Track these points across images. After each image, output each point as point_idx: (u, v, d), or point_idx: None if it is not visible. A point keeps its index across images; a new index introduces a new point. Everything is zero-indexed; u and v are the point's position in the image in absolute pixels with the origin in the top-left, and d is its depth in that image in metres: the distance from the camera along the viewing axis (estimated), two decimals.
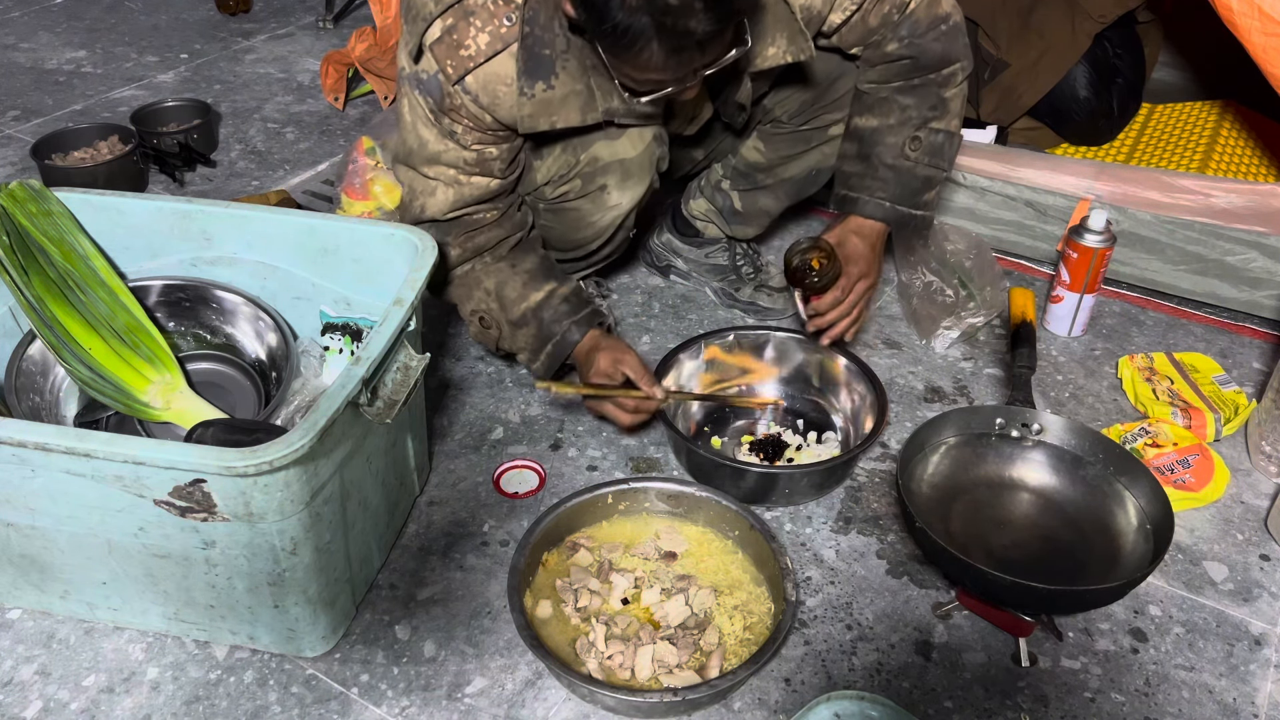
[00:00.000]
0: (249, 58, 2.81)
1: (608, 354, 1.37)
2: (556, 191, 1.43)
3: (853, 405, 1.48)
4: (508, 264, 1.41)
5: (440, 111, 1.28)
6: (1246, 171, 2.00)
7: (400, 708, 1.12)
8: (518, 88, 1.24)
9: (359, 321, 1.38)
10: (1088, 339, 1.72)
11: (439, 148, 1.31)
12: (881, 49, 1.40)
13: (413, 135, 1.32)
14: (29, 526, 1.08)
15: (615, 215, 1.44)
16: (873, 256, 1.43)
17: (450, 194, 1.34)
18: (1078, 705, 1.13)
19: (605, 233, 1.48)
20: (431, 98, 1.27)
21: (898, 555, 1.31)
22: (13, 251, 1.23)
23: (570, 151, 1.39)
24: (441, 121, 1.29)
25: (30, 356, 1.28)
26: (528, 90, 1.24)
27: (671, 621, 1.16)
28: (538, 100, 1.25)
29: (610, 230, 1.47)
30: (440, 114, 1.28)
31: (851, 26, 1.37)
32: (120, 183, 2.05)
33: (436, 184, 1.34)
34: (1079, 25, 1.93)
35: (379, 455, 1.18)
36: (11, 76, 2.67)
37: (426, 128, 1.30)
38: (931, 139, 1.41)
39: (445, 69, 1.24)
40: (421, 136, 1.31)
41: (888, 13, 1.36)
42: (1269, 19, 1.43)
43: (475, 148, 1.31)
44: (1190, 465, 1.38)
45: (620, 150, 1.37)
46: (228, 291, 1.36)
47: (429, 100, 1.27)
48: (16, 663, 1.16)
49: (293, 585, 1.07)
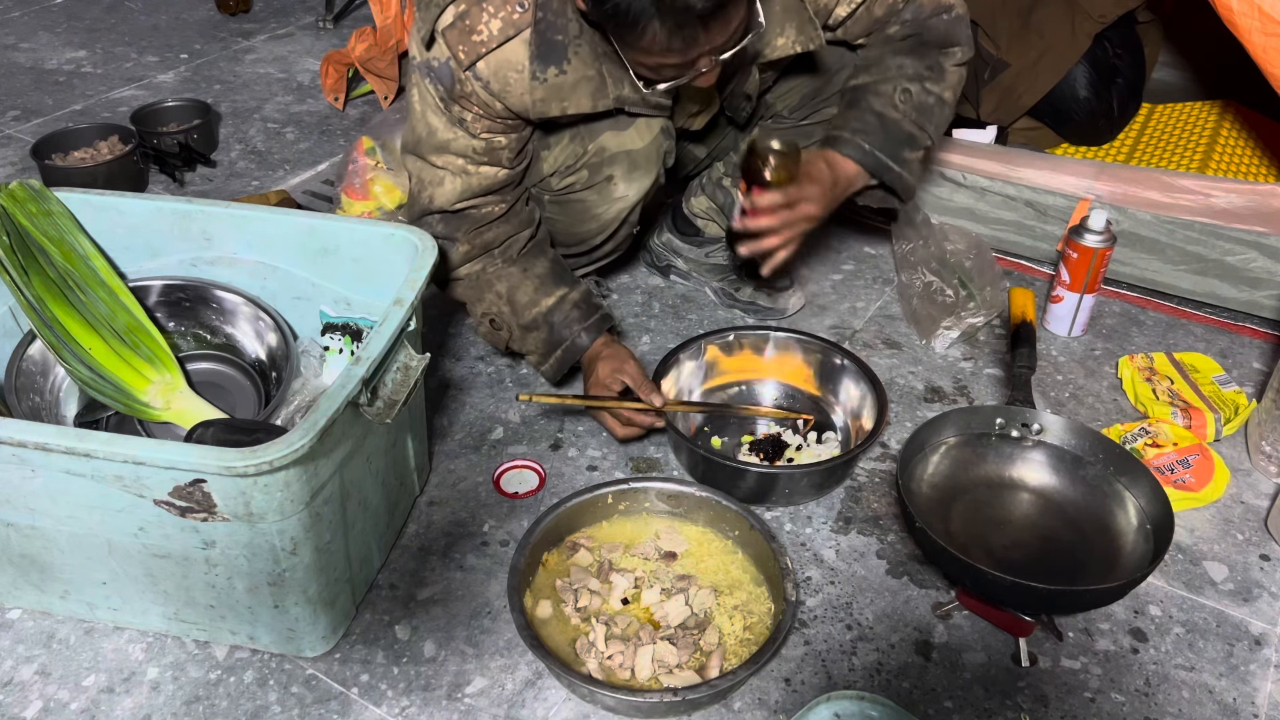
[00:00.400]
0: (249, 58, 2.80)
1: (608, 363, 1.37)
2: (563, 182, 1.43)
3: (853, 405, 1.48)
4: (519, 268, 1.41)
5: (450, 99, 1.28)
6: (1246, 171, 2.00)
7: (400, 708, 1.12)
8: (530, 72, 1.25)
9: (359, 321, 1.38)
10: (1088, 339, 1.72)
11: (448, 136, 1.31)
12: (885, 32, 1.40)
13: (422, 123, 1.33)
14: (29, 526, 1.08)
15: (621, 208, 1.44)
16: (831, 191, 1.37)
17: (458, 184, 1.34)
18: (1078, 705, 1.13)
19: (610, 226, 1.48)
20: (442, 84, 1.28)
21: (898, 555, 1.31)
22: (13, 251, 1.23)
23: (578, 141, 1.39)
24: (451, 109, 1.29)
25: (30, 356, 1.28)
26: (540, 75, 1.25)
27: (671, 621, 1.16)
28: (550, 85, 1.26)
29: (615, 224, 1.47)
30: (450, 101, 1.29)
31: (856, 19, 1.37)
32: (120, 183, 2.05)
33: (444, 174, 1.34)
34: (1079, 25, 1.93)
35: (379, 455, 1.18)
36: (11, 76, 2.67)
37: (436, 115, 1.31)
38: (922, 97, 1.39)
39: (457, 54, 1.24)
40: (431, 124, 1.32)
41: (893, 2, 1.36)
42: (1269, 19, 1.43)
43: (484, 136, 1.31)
44: (1190, 465, 1.38)
45: (627, 141, 1.37)
46: (228, 291, 1.36)
47: (440, 87, 1.28)
48: (16, 663, 1.16)
49: (293, 585, 1.07)
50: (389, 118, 2.12)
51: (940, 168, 1.87)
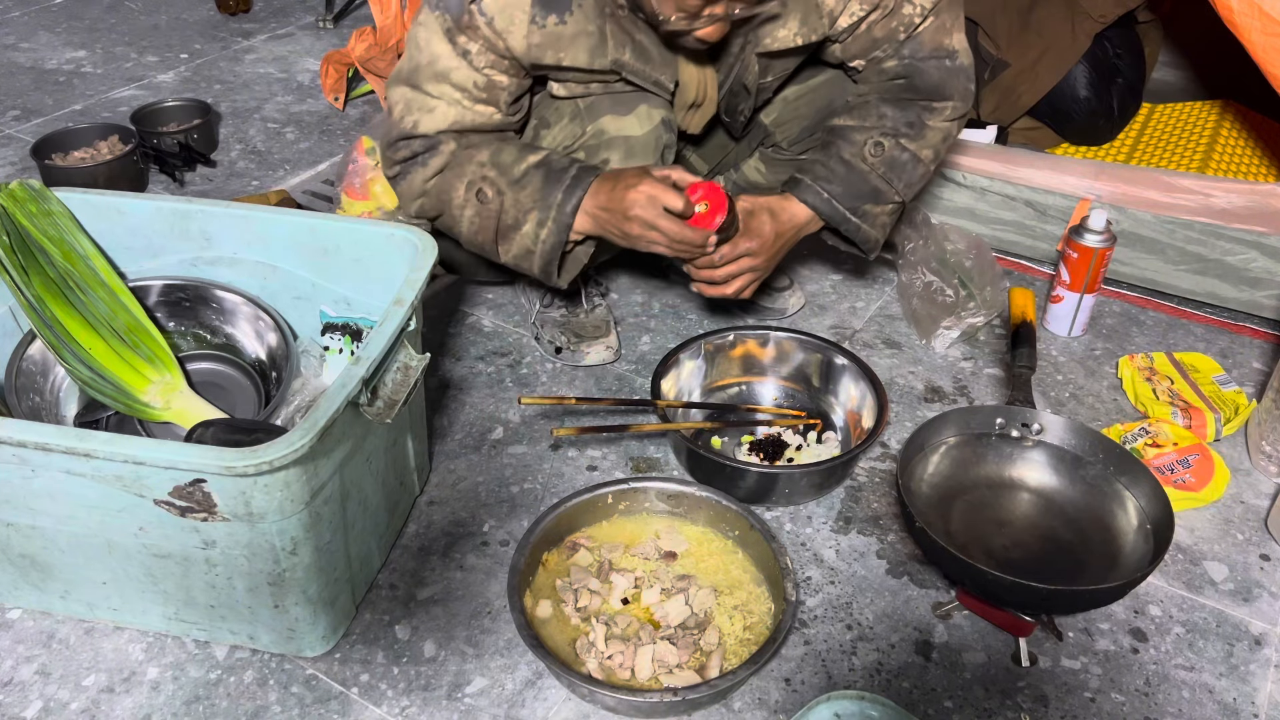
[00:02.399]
0: (249, 58, 2.81)
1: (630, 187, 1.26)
2: None
3: (853, 405, 1.48)
4: (497, 138, 1.37)
5: (457, 28, 1.28)
6: (1246, 171, 2.00)
7: (400, 708, 1.12)
8: (530, 16, 1.25)
9: (359, 321, 1.38)
10: (1088, 339, 1.72)
11: (450, 64, 1.30)
12: (880, 65, 1.40)
13: (423, 53, 1.31)
14: (29, 526, 1.08)
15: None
16: (774, 243, 1.38)
17: (451, 113, 1.33)
18: (1078, 705, 1.13)
19: None
20: (450, 14, 1.28)
21: (898, 555, 1.31)
22: (13, 251, 1.23)
23: (578, 121, 1.39)
24: (457, 40, 1.29)
25: (30, 356, 1.28)
26: (540, 20, 1.26)
27: (671, 621, 1.16)
28: (548, 32, 1.26)
29: None
30: (457, 31, 1.28)
31: (856, 36, 1.37)
32: (120, 183, 2.05)
33: (438, 102, 1.33)
34: (1079, 25, 1.93)
35: (379, 455, 1.18)
36: (11, 76, 2.67)
37: (440, 43, 1.30)
38: (895, 153, 1.39)
39: None
40: (434, 52, 1.31)
41: (894, 28, 1.36)
42: (1269, 19, 1.43)
43: (486, 71, 1.31)
44: (1190, 465, 1.38)
45: (627, 127, 1.37)
46: (228, 291, 1.36)
47: (447, 17, 1.28)
48: (16, 663, 1.16)
49: (293, 585, 1.07)
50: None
51: (940, 167, 1.87)
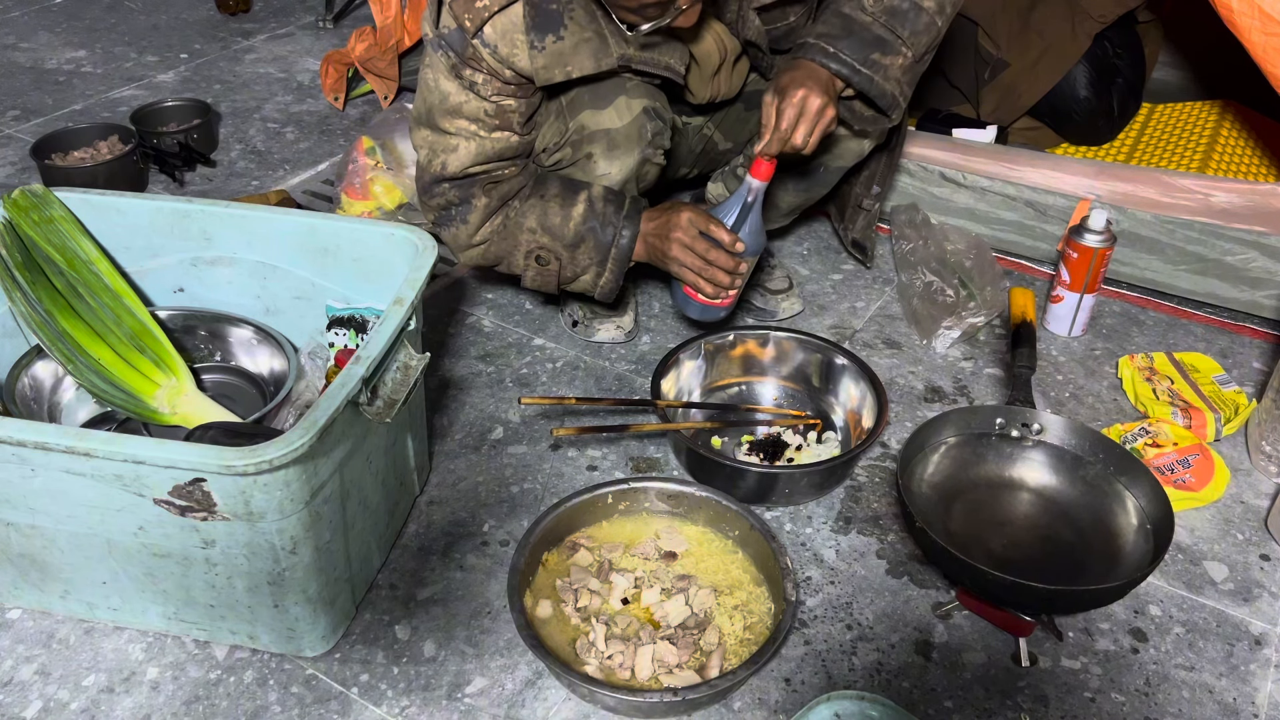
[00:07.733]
0: (249, 58, 2.81)
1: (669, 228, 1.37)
2: (551, 159, 1.46)
3: (853, 405, 1.48)
4: (536, 197, 1.43)
5: (461, 63, 1.32)
6: (1246, 171, 2.00)
7: (400, 708, 1.12)
8: (528, 42, 1.28)
9: (364, 312, 1.38)
10: (1088, 339, 1.72)
11: (460, 99, 1.34)
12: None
13: (434, 92, 1.36)
14: (29, 526, 1.08)
15: (606, 185, 1.45)
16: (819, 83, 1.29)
17: (472, 148, 1.37)
18: (1078, 705, 1.13)
19: None
20: (454, 50, 1.31)
21: (898, 555, 1.31)
22: (24, 268, 1.23)
23: (560, 119, 1.41)
24: (462, 74, 1.33)
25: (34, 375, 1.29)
26: (538, 44, 1.29)
27: (671, 621, 1.16)
28: (549, 52, 1.29)
29: None
30: (461, 65, 1.32)
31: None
32: (120, 183, 2.05)
33: (458, 140, 1.37)
34: (1079, 25, 1.93)
35: (379, 455, 1.18)
36: (11, 76, 2.67)
37: (448, 80, 1.34)
38: (895, 2, 1.32)
39: (463, 22, 1.29)
40: (443, 90, 1.35)
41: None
42: (1269, 19, 1.43)
43: (494, 99, 1.34)
44: (1190, 465, 1.38)
45: (605, 120, 1.38)
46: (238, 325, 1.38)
47: (451, 55, 1.32)
48: (16, 663, 1.16)
49: (293, 585, 1.07)
50: (389, 117, 2.12)
51: (940, 168, 1.87)
